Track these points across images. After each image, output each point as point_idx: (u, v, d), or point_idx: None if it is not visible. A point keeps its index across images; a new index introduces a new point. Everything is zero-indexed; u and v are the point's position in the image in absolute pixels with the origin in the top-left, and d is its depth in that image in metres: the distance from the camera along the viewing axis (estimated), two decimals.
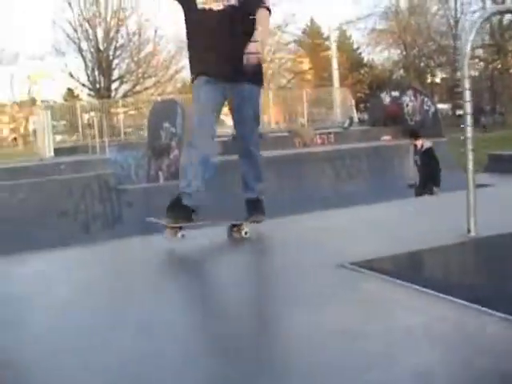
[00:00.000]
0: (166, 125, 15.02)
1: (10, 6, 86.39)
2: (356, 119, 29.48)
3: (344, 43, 72.56)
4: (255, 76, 5.15)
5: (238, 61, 4.90)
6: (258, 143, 5.43)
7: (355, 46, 76.05)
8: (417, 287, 3.46)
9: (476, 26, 4.76)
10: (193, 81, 5.26)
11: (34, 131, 39.92)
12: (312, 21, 73.07)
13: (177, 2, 5.34)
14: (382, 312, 3.15)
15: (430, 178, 13.36)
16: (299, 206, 5.53)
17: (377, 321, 3.01)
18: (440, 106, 43.67)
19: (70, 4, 49.59)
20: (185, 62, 54.53)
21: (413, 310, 3.16)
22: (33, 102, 50.39)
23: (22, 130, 61.33)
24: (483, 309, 3.08)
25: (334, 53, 38.61)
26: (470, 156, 4.44)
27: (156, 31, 52.22)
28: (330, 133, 20.48)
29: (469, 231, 4.38)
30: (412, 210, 6.19)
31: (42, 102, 43.57)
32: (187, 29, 5.34)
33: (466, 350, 2.62)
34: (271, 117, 35.89)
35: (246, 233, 5.08)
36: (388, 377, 2.38)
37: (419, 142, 13.95)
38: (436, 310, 3.16)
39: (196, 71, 5.24)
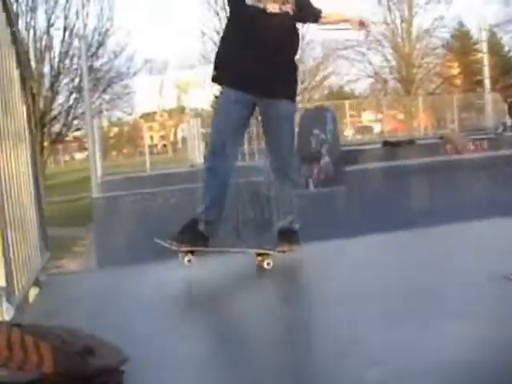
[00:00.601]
0: (316, 131, 15.02)
1: (159, 17, 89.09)
2: (509, 124, 28.58)
3: (494, 46, 70.63)
4: (291, 91, 4.78)
5: (276, 74, 4.54)
6: (295, 166, 5.11)
7: (506, 49, 73.89)
8: None
9: None
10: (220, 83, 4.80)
11: (184, 138, 40.85)
12: (461, 24, 71.53)
13: None
14: None
15: None
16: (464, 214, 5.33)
17: None
18: None
19: (217, 13, 50.56)
20: (332, 67, 54.87)
21: None
22: (182, 109, 51.62)
23: (171, 137, 62.96)
24: None
25: (485, 55, 37.56)
26: None
27: (303, 37, 52.46)
28: (483, 139, 19.92)
29: None
30: None
31: (190, 109, 44.54)
32: (230, 25, 4.83)
33: None
34: (420, 123, 35.33)
35: (268, 264, 4.58)
36: None
37: None
38: None
39: (228, 79, 4.70)
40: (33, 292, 4.32)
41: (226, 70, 4.67)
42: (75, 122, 33.82)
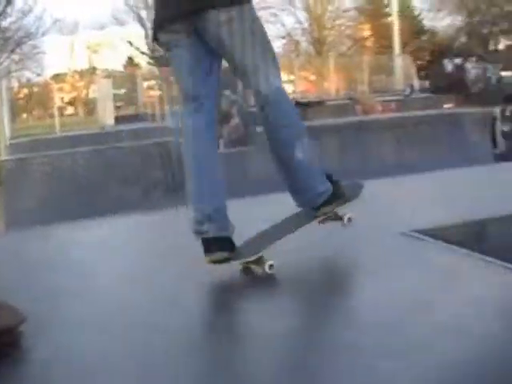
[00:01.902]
0: (227, 93, 15.04)
1: None
2: (417, 87, 29.11)
3: (405, 10, 71.55)
4: None
5: None
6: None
7: (416, 13, 74.95)
8: (483, 257, 3.42)
9: None
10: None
11: (95, 100, 40.35)
12: None
13: None
14: (446, 282, 3.13)
15: None
16: (366, 174, 5.44)
17: (441, 291, 2.99)
18: (504, 73, 42.88)
19: None
20: None
21: (480, 280, 3.14)
22: (93, 70, 50.86)
23: (82, 98, 61.99)
24: None
25: (395, 18, 38.09)
26: None
27: None
28: (391, 100, 20.27)
29: None
30: (479, 178, 6.08)
31: (102, 70, 43.96)
32: None
33: None
34: (332, 84, 35.67)
35: (270, 266, 3.33)
36: (456, 346, 2.37)
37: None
38: (504, 279, 3.13)
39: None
40: None
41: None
42: None
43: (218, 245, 3.38)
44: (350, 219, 3.69)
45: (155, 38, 3.59)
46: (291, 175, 3.60)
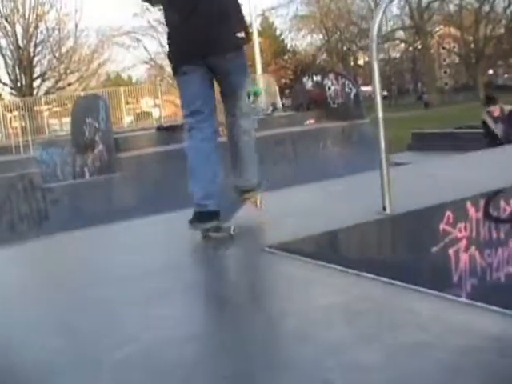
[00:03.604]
0: (89, 120, 14.92)
1: None
2: (280, 105, 29.54)
3: (267, 30, 72.82)
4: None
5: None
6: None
7: (278, 33, 76.44)
8: (334, 266, 3.54)
9: (381, 9, 4.86)
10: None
11: None
12: None
13: None
14: (298, 293, 3.23)
15: None
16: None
17: (293, 301, 3.09)
18: (364, 88, 44.20)
19: None
20: (108, 55, 54.40)
21: (329, 289, 3.25)
22: None
23: None
24: (404, 284, 3.17)
25: (256, 39, 38.61)
26: (382, 136, 4.55)
27: (77, 25, 51.72)
28: (253, 120, 20.36)
29: (384, 209, 4.51)
30: (333, 190, 6.28)
31: None
32: None
33: (385, 326, 2.70)
34: None
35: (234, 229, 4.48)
36: (304, 351, 2.45)
37: (496, 109, 12.76)
38: (353, 287, 3.25)
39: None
40: None
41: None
42: None
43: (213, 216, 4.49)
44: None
45: (175, 69, 4.72)
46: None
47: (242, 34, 4.73)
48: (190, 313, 3.03)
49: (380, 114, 4.57)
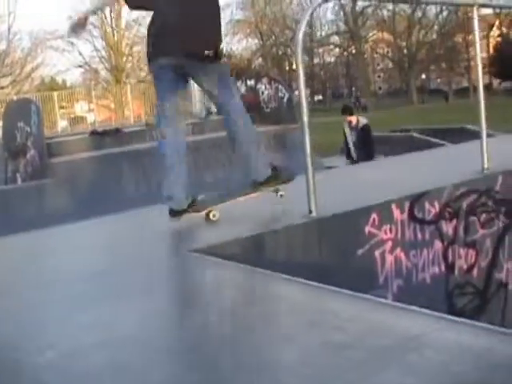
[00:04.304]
0: (21, 124, 14.71)
1: None
2: (215, 109, 29.54)
3: None
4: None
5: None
6: None
7: None
8: (257, 269, 3.56)
9: (307, 14, 4.92)
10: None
11: None
12: None
13: None
14: (219, 295, 3.24)
15: (367, 155, 12.49)
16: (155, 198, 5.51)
17: (217, 305, 3.10)
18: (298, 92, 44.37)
19: None
20: (42, 58, 53.77)
21: (250, 292, 3.27)
22: None
23: None
24: (326, 286, 3.21)
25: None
26: (307, 140, 4.59)
27: (9, 28, 51.04)
28: (187, 124, 20.33)
29: (310, 212, 4.55)
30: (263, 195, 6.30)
31: None
32: None
33: (303, 327, 2.73)
34: (133, 111, 35.58)
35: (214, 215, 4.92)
36: (226, 352, 2.46)
37: (354, 119, 13.34)
38: (275, 289, 3.27)
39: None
40: None
41: None
42: None
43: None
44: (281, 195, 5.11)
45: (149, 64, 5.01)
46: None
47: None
48: (114, 318, 3.01)
49: (305, 118, 4.61)
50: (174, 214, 4.89)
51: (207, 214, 4.94)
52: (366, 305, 2.97)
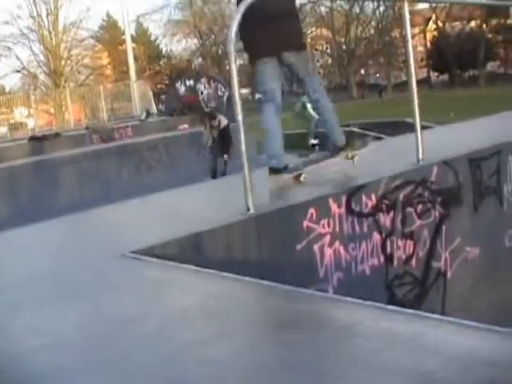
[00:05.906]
0: None
1: None
2: (155, 110, 29.41)
3: (141, 36, 72.40)
4: None
5: None
6: None
7: (153, 38, 76.07)
8: (197, 268, 3.57)
9: (239, 13, 4.93)
10: None
11: None
12: (108, 15, 72.41)
13: None
14: (160, 296, 3.24)
15: (225, 149, 16.22)
16: (94, 202, 5.49)
17: (154, 304, 3.10)
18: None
19: None
20: None
21: (191, 291, 3.28)
22: None
23: None
24: (264, 282, 3.23)
25: (129, 45, 38.33)
26: (243, 138, 4.62)
27: None
28: (127, 126, 20.35)
29: (248, 209, 4.58)
30: (201, 193, 6.34)
31: None
32: None
33: (238, 324, 2.75)
34: (73, 115, 35.22)
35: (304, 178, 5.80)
36: (165, 350, 2.47)
37: (217, 120, 16.22)
38: (214, 287, 3.29)
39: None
40: None
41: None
42: None
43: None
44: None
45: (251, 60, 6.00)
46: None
47: None
48: (50, 323, 3.00)
49: (240, 117, 4.64)
50: (274, 171, 5.79)
51: (297, 177, 5.79)
52: (305, 300, 3.00)
